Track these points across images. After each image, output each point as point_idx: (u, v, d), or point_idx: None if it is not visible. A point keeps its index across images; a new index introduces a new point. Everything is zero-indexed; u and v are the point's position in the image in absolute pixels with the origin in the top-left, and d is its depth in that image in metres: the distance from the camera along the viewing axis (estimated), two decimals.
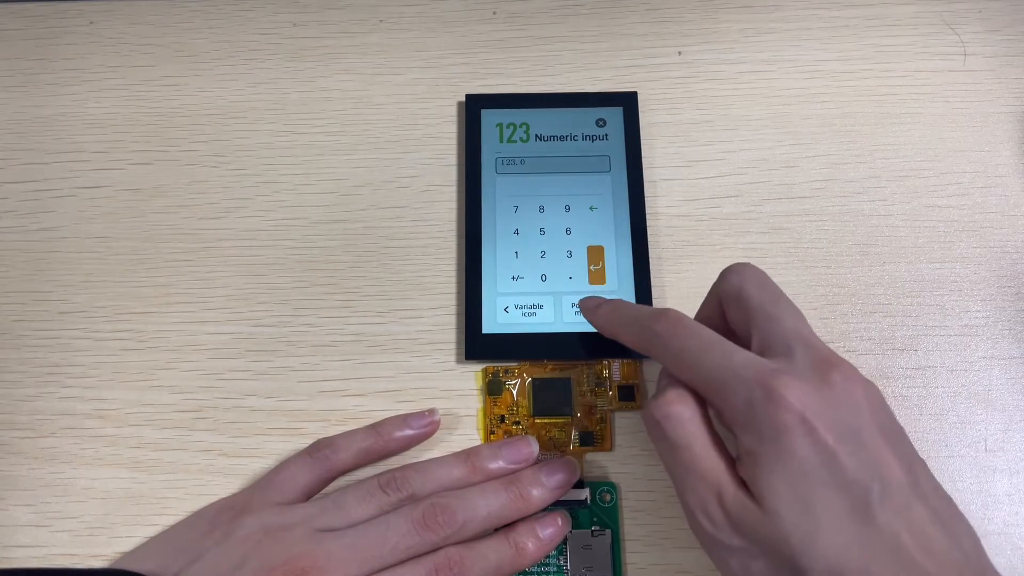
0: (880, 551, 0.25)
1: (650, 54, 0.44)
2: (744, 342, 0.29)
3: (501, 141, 0.41)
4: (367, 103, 0.43)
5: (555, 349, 0.37)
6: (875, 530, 0.25)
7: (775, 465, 0.26)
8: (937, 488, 0.27)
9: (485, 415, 0.36)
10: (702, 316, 0.32)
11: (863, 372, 0.30)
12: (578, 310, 0.37)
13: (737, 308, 0.30)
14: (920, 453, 0.27)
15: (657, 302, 0.38)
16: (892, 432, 0.27)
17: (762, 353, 0.28)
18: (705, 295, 0.32)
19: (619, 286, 0.38)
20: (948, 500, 0.27)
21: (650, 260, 0.39)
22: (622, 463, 0.36)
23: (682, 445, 0.28)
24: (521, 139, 0.41)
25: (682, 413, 0.28)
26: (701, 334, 0.29)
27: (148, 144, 0.42)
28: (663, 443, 0.29)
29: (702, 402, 0.28)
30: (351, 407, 0.37)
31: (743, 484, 0.27)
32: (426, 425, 0.35)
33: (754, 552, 0.26)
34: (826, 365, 0.27)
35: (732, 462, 0.28)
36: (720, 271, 0.31)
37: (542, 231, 0.39)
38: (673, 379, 0.29)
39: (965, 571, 0.25)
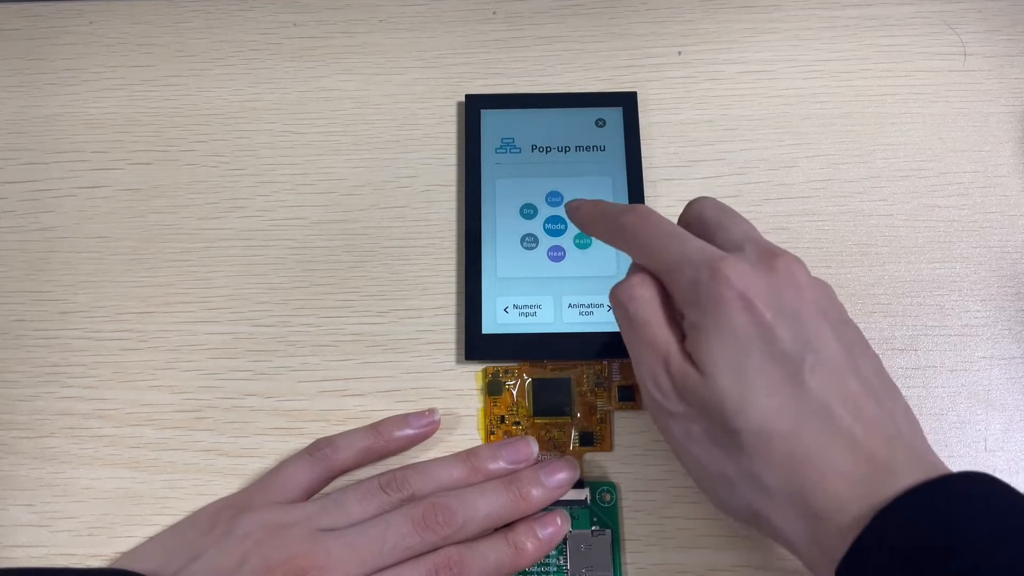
0: (809, 415, 0.26)
1: (650, 54, 0.44)
2: None
3: (501, 141, 0.41)
4: (367, 103, 0.43)
5: (555, 349, 0.37)
6: (806, 396, 0.26)
7: (714, 334, 0.28)
8: (878, 372, 0.28)
9: (485, 415, 0.36)
10: None
11: None
12: (578, 310, 0.38)
13: (697, 229, 0.32)
14: None
15: None
16: (836, 317, 0.29)
17: None
18: None
19: None
20: (888, 384, 0.28)
21: None
22: (622, 463, 0.36)
23: (640, 322, 0.30)
24: (521, 139, 0.41)
25: (644, 294, 0.30)
26: (663, 225, 0.31)
27: (148, 144, 0.42)
28: (626, 322, 0.31)
29: (663, 287, 0.30)
30: (351, 407, 0.37)
31: (689, 356, 0.29)
32: (426, 425, 0.35)
33: (693, 415, 0.28)
34: (770, 255, 0.29)
35: (683, 339, 0.29)
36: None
37: (542, 231, 0.39)
38: (639, 267, 0.31)
39: (896, 441, 0.26)
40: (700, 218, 0.32)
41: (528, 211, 0.40)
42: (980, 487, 0.25)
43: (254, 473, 0.36)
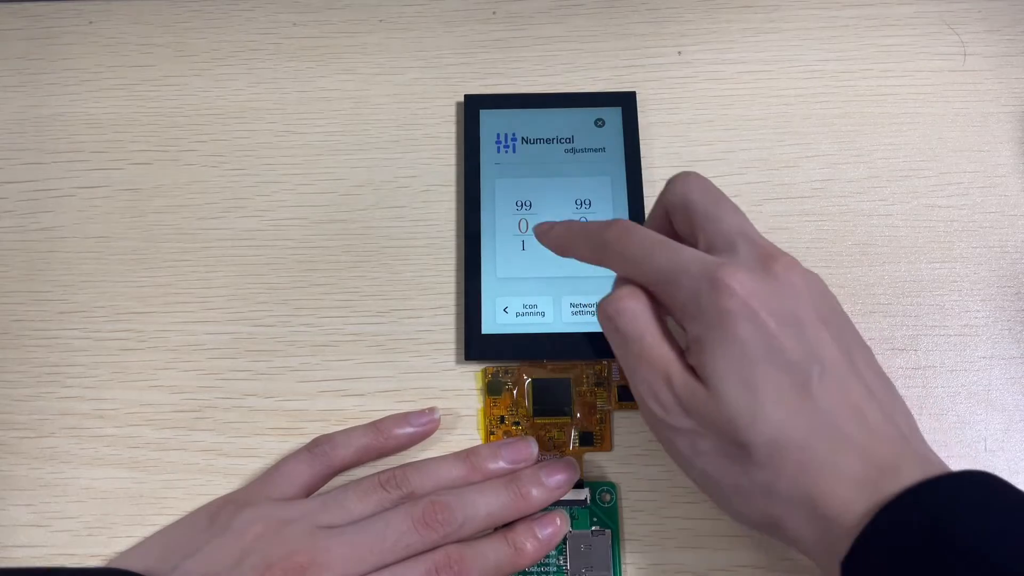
0: (817, 425, 0.26)
1: (650, 54, 0.44)
2: (692, 247, 0.30)
3: (500, 141, 0.41)
4: (367, 103, 0.43)
5: (555, 349, 0.37)
6: (813, 406, 0.26)
7: (720, 349, 0.27)
8: (877, 372, 0.29)
9: (485, 415, 0.36)
10: (651, 227, 0.33)
11: None
12: (575, 310, 0.38)
13: (683, 215, 0.31)
14: None
15: None
16: (832, 318, 0.28)
17: (708, 252, 0.29)
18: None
19: None
20: (886, 383, 0.29)
21: None
22: (622, 463, 0.36)
23: (633, 337, 0.29)
24: (520, 139, 0.41)
25: (634, 307, 0.30)
26: (650, 236, 0.30)
27: (148, 144, 0.42)
28: (616, 336, 0.30)
29: (653, 298, 0.30)
30: (351, 407, 0.37)
31: (692, 370, 0.28)
32: (426, 423, 0.35)
33: (701, 432, 0.28)
34: (768, 257, 0.28)
35: (682, 352, 0.29)
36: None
37: None
38: (626, 280, 0.31)
39: (898, 443, 0.27)
40: (685, 204, 0.31)
41: (528, 211, 0.40)
42: (979, 484, 0.25)
43: (254, 473, 0.35)
